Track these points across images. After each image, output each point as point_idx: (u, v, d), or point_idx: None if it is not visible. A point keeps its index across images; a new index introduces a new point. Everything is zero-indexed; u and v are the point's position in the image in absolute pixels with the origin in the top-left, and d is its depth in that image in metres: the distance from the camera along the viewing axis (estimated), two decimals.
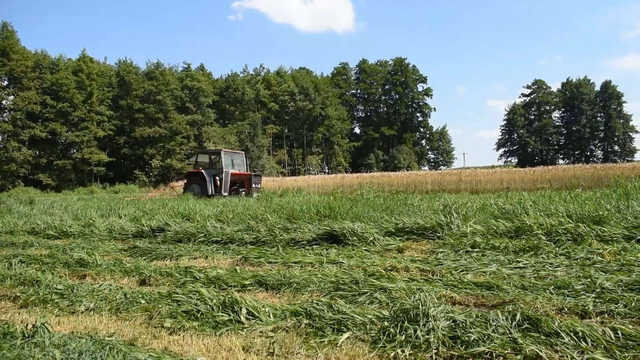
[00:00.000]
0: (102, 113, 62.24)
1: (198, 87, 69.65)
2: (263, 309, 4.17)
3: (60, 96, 58.58)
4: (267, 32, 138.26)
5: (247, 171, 25.86)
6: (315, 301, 4.25)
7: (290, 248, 7.60)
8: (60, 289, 5.23)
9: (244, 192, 23.56)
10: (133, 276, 6.13)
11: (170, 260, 7.25)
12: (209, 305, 4.31)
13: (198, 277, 5.66)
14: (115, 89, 65.91)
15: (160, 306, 4.47)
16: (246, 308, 4.13)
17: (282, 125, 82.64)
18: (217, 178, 23.53)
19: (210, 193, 22.73)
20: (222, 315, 4.10)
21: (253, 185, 23.64)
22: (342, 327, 3.71)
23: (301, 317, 3.98)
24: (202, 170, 23.78)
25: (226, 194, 22.70)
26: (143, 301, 4.72)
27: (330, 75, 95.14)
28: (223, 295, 4.47)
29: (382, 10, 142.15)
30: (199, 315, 4.19)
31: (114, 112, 63.97)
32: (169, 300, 4.64)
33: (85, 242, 9.36)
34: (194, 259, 7.25)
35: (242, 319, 4.02)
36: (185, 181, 25.26)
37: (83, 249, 8.10)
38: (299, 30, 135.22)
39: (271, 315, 4.08)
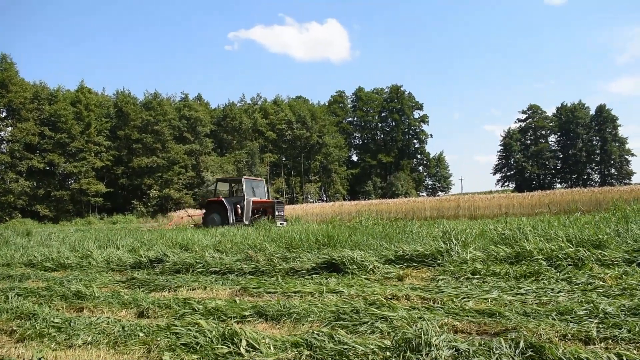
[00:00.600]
0: (100, 143, 62.48)
1: (196, 117, 70.09)
2: (263, 341, 4.11)
3: (59, 127, 58.90)
4: (264, 62, 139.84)
5: (268, 198, 25.18)
6: (315, 331, 4.20)
7: (289, 277, 7.54)
8: (57, 322, 5.15)
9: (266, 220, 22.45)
10: (131, 308, 6.05)
11: (169, 292, 7.17)
12: (208, 337, 4.25)
13: (197, 309, 5.58)
14: (113, 120, 66.31)
15: (158, 339, 4.40)
16: (246, 340, 4.07)
17: (280, 154, 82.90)
18: (238, 206, 22.81)
19: (231, 222, 21.96)
20: (221, 348, 4.04)
21: (277, 213, 22.72)
22: (344, 358, 3.66)
23: (302, 348, 3.93)
24: (223, 199, 23.19)
25: (248, 222, 21.79)
26: (141, 334, 4.65)
27: (327, 104, 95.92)
28: (222, 327, 4.41)
29: (377, 38, 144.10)
30: (198, 348, 4.13)
31: (111, 142, 64.25)
32: (168, 333, 4.58)
33: (82, 274, 9.27)
34: (193, 290, 7.17)
35: (242, 351, 3.96)
36: (204, 210, 24.51)
37: (80, 281, 8.02)
38: (295, 59, 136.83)
39: (272, 347, 4.02)
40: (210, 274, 8.33)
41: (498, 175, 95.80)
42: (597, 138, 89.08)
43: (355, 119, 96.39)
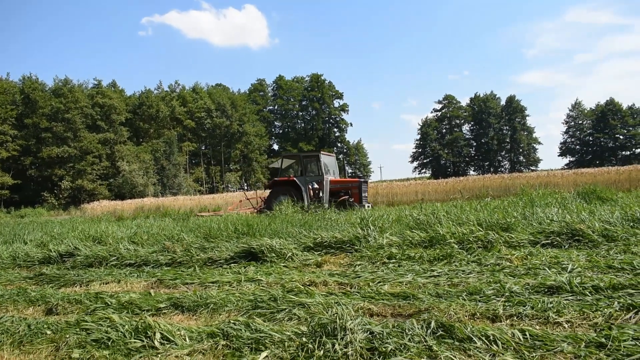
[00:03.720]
0: (5, 132, 58.55)
1: (110, 105, 67.13)
2: (178, 333, 4.02)
3: None
4: (181, 48, 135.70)
5: (340, 177, 21.49)
6: (232, 321, 4.17)
7: (207, 268, 7.45)
8: None
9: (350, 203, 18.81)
10: (39, 305, 5.77)
11: (80, 287, 6.90)
12: (121, 331, 4.12)
13: (109, 303, 5.39)
14: (20, 107, 62.27)
15: (67, 336, 4.21)
16: (160, 332, 3.97)
17: (199, 143, 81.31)
18: (311, 187, 19.50)
19: (306, 205, 18.44)
20: (134, 342, 3.92)
21: (363, 194, 19.61)
22: (260, 346, 3.65)
23: (218, 338, 3.88)
24: (295, 178, 19.58)
25: (327, 205, 18.36)
26: (49, 332, 4.43)
27: (247, 92, 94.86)
28: (136, 321, 4.28)
29: (296, 26, 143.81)
30: (109, 343, 3.98)
31: (18, 131, 60.40)
32: (78, 329, 4.40)
33: None
34: (106, 283, 6.93)
35: (156, 344, 3.86)
36: (269, 191, 20.41)
37: None
38: (213, 45, 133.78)
39: (187, 339, 3.95)
40: (125, 267, 8.09)
41: (415, 163, 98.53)
42: (507, 127, 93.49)
43: (276, 107, 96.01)
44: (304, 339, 3.59)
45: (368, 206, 18.62)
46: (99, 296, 5.74)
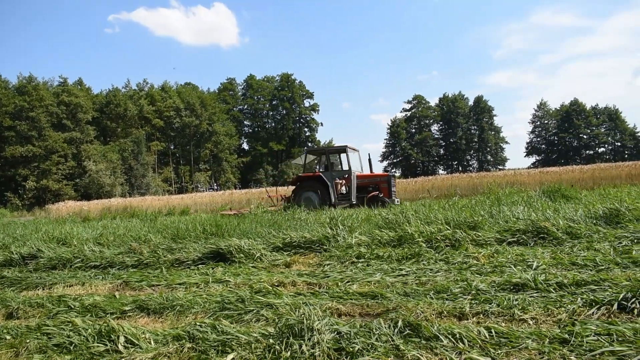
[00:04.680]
0: None
1: (76, 103, 65.83)
2: (143, 336, 3.95)
3: None
4: (149, 46, 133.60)
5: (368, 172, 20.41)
6: (199, 323, 4.11)
7: (174, 269, 7.35)
8: None
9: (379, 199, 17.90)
10: None
11: (43, 290, 6.73)
12: (83, 335, 4.02)
13: (73, 306, 5.28)
14: None
15: (28, 341, 4.09)
16: (124, 336, 3.89)
17: (168, 142, 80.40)
18: (339, 182, 18.69)
19: (332, 201, 17.97)
20: (97, 346, 3.83)
21: (393, 189, 18.83)
22: (227, 348, 3.60)
23: (184, 341, 3.82)
24: (321, 173, 18.69)
25: (355, 201, 18.04)
26: (8, 337, 4.31)
27: (216, 91, 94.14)
28: (99, 324, 4.19)
29: (267, 25, 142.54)
30: (72, 348, 3.89)
31: None
32: (39, 334, 4.28)
33: None
34: (70, 286, 6.78)
35: (120, 347, 3.78)
36: (294, 187, 19.47)
37: None
38: (182, 43, 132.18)
39: (152, 342, 3.88)
40: (89, 269, 7.94)
41: (385, 163, 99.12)
42: (475, 127, 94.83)
43: (246, 106, 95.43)
44: (271, 340, 3.55)
45: (397, 202, 18.00)
46: (62, 299, 5.61)
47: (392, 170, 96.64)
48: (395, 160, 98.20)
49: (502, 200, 11.90)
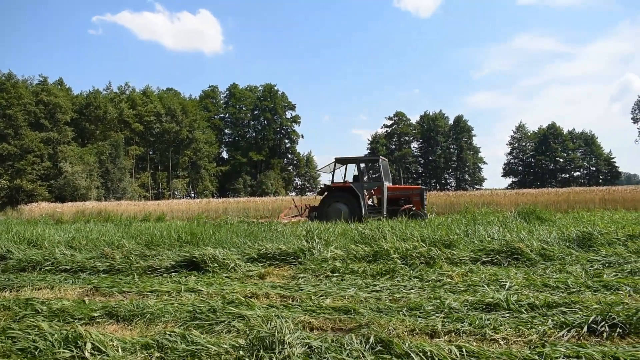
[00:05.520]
0: None
1: (55, 103, 64.84)
2: (111, 343, 3.88)
3: None
4: (132, 49, 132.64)
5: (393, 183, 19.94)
6: (168, 332, 4.05)
7: (147, 276, 7.25)
8: None
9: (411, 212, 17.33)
10: None
11: (10, 292, 6.58)
12: (49, 341, 3.93)
13: (40, 310, 5.16)
14: None
15: None
16: (91, 342, 3.81)
17: (147, 147, 79.63)
18: (367, 194, 17.94)
19: (363, 213, 17.14)
20: (63, 352, 3.75)
21: (425, 202, 18.29)
22: (196, 359, 3.55)
23: (152, 350, 3.76)
24: (352, 184, 17.89)
25: (385, 213, 17.30)
26: None
27: (198, 98, 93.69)
28: (67, 330, 4.10)
29: (251, 34, 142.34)
30: (37, 353, 3.80)
31: None
32: (3, 337, 4.19)
33: None
34: (38, 289, 6.64)
35: (87, 354, 3.71)
36: (322, 198, 18.50)
37: None
38: (166, 48, 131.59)
39: (119, 350, 3.81)
40: (60, 273, 7.81)
41: (364, 178, 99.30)
42: (455, 146, 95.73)
43: (228, 115, 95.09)
44: (241, 353, 3.52)
45: (429, 215, 17.41)
46: (29, 302, 5.48)
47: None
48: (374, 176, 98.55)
49: (478, 219, 12.01)
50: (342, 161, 19.75)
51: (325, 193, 18.42)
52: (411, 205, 17.71)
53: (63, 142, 65.09)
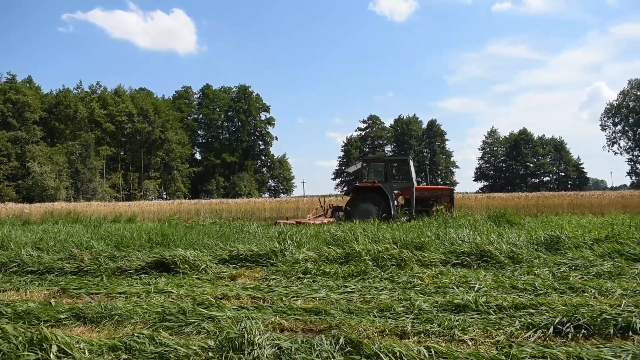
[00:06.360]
0: None
1: (23, 101, 63.60)
2: (77, 345, 3.80)
3: None
4: (104, 48, 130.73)
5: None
6: (137, 334, 3.99)
7: (116, 278, 7.14)
8: None
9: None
10: None
11: None
12: (13, 343, 3.83)
13: (4, 312, 5.04)
14: None
15: None
16: (57, 345, 3.73)
17: (118, 147, 78.65)
18: (396, 195, 17.50)
19: (393, 214, 16.72)
20: (28, 355, 3.66)
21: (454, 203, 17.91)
22: None
23: (120, 352, 3.71)
24: (380, 185, 17.51)
25: (415, 214, 16.94)
26: None
27: (171, 98, 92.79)
28: (32, 332, 4.01)
29: (225, 36, 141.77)
30: (0, 356, 3.71)
31: None
32: None
33: None
34: (3, 291, 6.48)
35: (52, 357, 3.62)
36: (350, 198, 18.15)
37: None
38: (139, 47, 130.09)
39: (86, 352, 3.74)
40: (26, 274, 7.64)
41: (338, 180, 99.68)
42: (428, 150, 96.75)
43: (201, 116, 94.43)
44: (211, 354, 3.49)
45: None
46: None
47: (345, 188, 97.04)
48: (347, 178, 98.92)
49: (449, 222, 12.12)
50: (370, 160, 19.40)
51: (354, 193, 18.07)
52: (434, 204, 17.25)
53: (31, 142, 63.85)
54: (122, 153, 79.71)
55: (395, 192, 17.66)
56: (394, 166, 19.41)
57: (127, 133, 77.73)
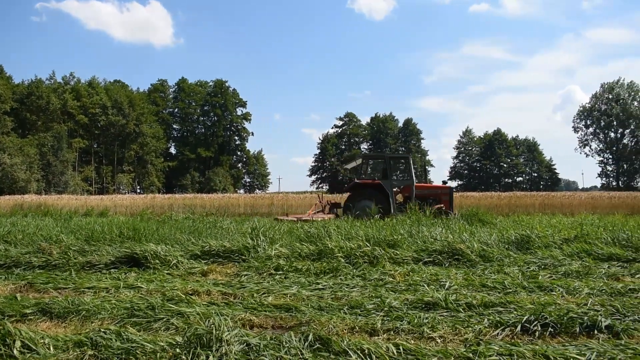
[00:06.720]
0: None
1: None
2: (42, 341, 3.73)
3: None
4: (78, 39, 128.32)
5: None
6: (103, 330, 3.93)
7: (85, 272, 7.03)
8: None
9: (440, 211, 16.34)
10: None
11: None
12: None
13: None
14: None
15: None
16: (21, 340, 3.66)
17: (91, 140, 77.43)
18: (396, 192, 17.39)
19: (392, 212, 16.44)
20: None
21: (453, 202, 17.99)
22: (131, 357, 3.46)
23: (86, 347, 3.64)
24: (380, 182, 17.48)
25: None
26: None
27: (146, 91, 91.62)
28: None
29: (202, 29, 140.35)
30: None
31: None
32: None
33: None
34: None
35: (16, 353, 3.55)
36: (349, 194, 18.06)
37: None
38: (114, 39, 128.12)
39: (51, 348, 3.67)
40: None
41: (314, 177, 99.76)
42: (403, 148, 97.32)
43: (176, 110, 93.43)
44: (178, 350, 3.45)
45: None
46: None
47: (321, 185, 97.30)
48: (323, 175, 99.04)
49: (422, 220, 12.21)
50: (370, 157, 18.51)
51: (353, 190, 18.02)
52: (441, 205, 17.14)
53: (2, 133, 62.47)
54: (95, 146, 78.50)
55: (394, 189, 17.63)
56: (395, 163, 19.29)
57: (101, 126, 76.57)
